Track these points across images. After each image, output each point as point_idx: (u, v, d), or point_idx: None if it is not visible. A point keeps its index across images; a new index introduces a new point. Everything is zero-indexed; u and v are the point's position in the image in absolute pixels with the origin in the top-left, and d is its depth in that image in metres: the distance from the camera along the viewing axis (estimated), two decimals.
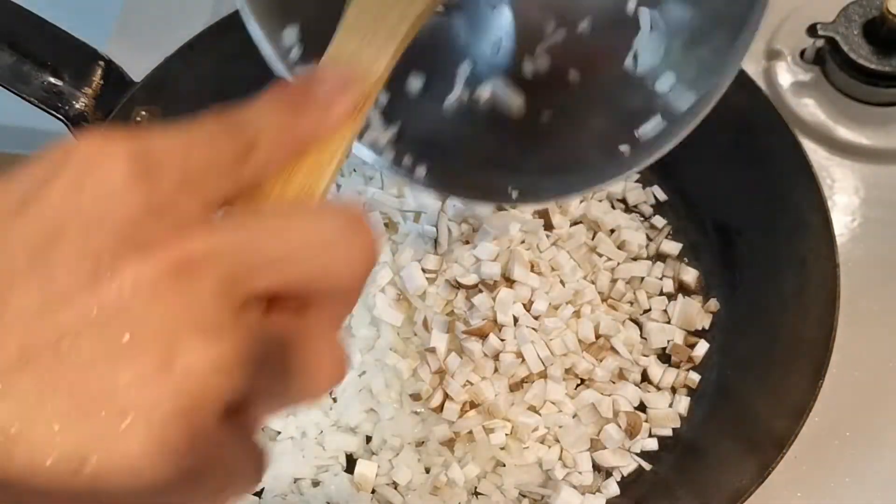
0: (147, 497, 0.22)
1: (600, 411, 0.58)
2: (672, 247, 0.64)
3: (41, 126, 0.69)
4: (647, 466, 0.58)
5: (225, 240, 0.23)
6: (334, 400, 0.60)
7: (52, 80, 0.58)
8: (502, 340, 0.59)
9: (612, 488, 0.57)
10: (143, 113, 0.61)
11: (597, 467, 0.58)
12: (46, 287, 0.22)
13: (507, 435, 0.57)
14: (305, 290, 0.25)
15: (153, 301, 0.22)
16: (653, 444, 0.58)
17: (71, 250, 0.22)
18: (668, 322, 0.62)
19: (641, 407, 0.59)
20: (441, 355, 0.59)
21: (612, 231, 0.65)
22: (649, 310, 0.62)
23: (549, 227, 0.64)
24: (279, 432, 0.59)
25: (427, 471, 0.57)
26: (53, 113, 0.58)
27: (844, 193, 0.67)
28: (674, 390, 0.60)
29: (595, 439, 0.58)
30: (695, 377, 0.60)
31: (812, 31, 0.68)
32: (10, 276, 0.22)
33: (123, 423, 0.21)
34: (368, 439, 0.59)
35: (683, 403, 0.59)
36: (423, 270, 0.61)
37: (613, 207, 0.66)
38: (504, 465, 0.57)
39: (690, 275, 0.63)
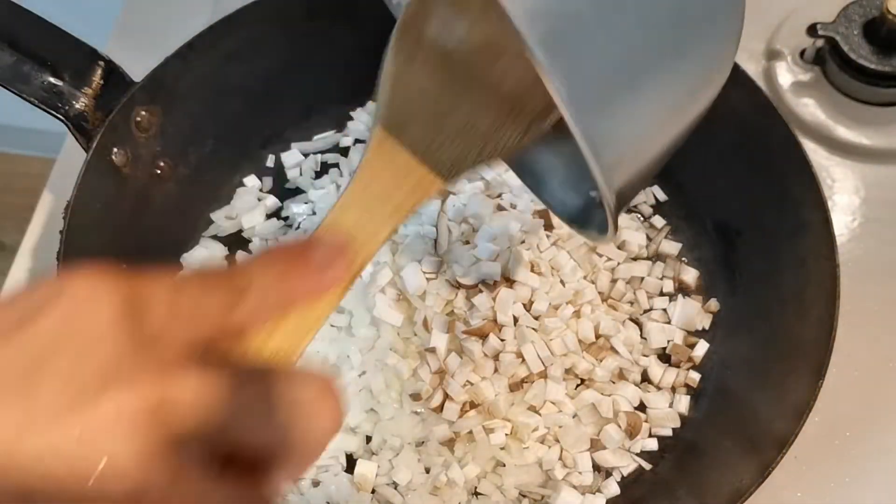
0: None
1: (600, 411, 0.58)
2: (672, 247, 0.65)
3: (41, 126, 0.69)
4: (647, 466, 0.58)
5: (204, 392, 0.25)
6: None
7: (52, 80, 0.58)
8: (502, 340, 0.59)
9: (612, 488, 0.57)
10: (143, 113, 0.61)
11: (597, 467, 0.58)
12: (31, 406, 0.23)
13: (507, 435, 0.57)
14: (270, 450, 0.26)
15: (128, 435, 0.23)
16: (653, 444, 0.58)
17: (57, 376, 0.23)
18: (668, 322, 0.62)
19: (641, 407, 0.59)
20: (441, 355, 0.59)
21: None
22: (649, 310, 0.62)
23: (549, 227, 0.64)
24: None
25: (427, 471, 0.57)
26: (53, 113, 0.58)
27: (844, 193, 0.67)
28: (674, 390, 0.60)
29: (595, 439, 0.58)
30: (695, 376, 0.60)
31: (812, 31, 0.68)
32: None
33: None
34: (368, 439, 0.59)
35: (683, 403, 0.59)
36: (423, 271, 0.61)
37: None
38: (504, 465, 0.57)
39: (690, 275, 0.63)
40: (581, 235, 0.51)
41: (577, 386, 0.60)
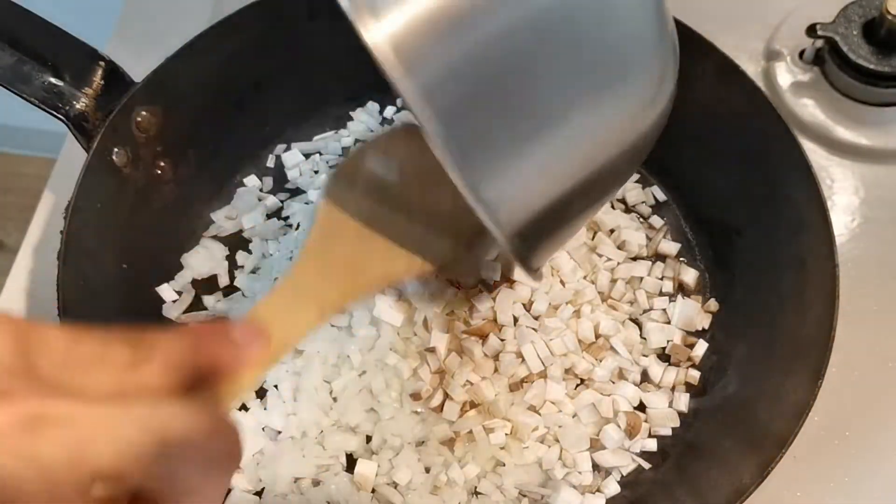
0: None
1: (600, 411, 0.58)
2: (671, 247, 0.65)
3: (41, 126, 0.69)
4: (646, 466, 0.58)
5: (84, 411, 0.25)
6: (334, 400, 0.60)
7: (52, 80, 0.58)
8: (502, 340, 0.59)
9: (612, 488, 0.57)
10: (144, 113, 0.61)
11: (596, 467, 0.58)
12: None
13: (507, 435, 0.57)
14: (152, 488, 0.26)
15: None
16: (653, 444, 0.58)
17: None
18: (668, 322, 0.62)
19: (641, 407, 0.59)
20: (441, 355, 0.59)
21: (612, 231, 0.65)
22: (649, 310, 0.62)
23: None
24: (279, 432, 0.59)
25: (427, 471, 0.57)
26: (53, 113, 0.58)
27: (844, 193, 0.67)
28: (673, 390, 0.60)
29: (595, 439, 0.58)
30: (694, 375, 0.60)
31: (811, 31, 0.68)
32: None
33: None
34: (368, 439, 0.59)
35: (684, 402, 0.59)
36: None
37: (613, 208, 0.66)
38: (504, 465, 0.57)
39: (690, 275, 0.63)
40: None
41: (577, 386, 0.60)
